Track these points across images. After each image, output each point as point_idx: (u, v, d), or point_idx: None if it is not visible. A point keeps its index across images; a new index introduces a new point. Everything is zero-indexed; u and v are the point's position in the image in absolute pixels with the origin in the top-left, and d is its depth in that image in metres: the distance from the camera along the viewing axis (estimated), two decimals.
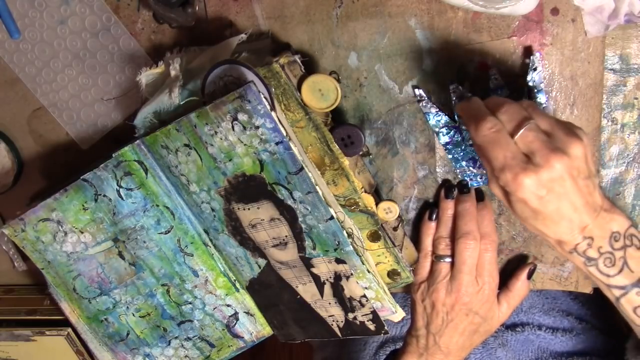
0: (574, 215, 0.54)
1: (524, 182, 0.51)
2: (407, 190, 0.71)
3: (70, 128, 0.76)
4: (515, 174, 0.52)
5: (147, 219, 0.67)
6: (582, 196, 0.53)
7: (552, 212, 0.53)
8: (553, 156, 0.51)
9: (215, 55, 0.64)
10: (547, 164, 0.51)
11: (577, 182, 0.52)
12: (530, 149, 0.52)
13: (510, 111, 0.54)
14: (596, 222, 0.55)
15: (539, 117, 0.54)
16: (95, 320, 0.73)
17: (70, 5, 0.70)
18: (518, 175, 0.51)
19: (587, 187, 0.53)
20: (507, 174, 0.52)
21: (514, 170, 0.52)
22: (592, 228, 0.55)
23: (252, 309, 0.71)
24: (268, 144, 0.57)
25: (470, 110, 0.56)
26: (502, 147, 0.52)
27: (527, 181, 0.51)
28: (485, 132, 0.53)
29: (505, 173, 0.52)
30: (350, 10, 0.65)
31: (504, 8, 0.58)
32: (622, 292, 0.57)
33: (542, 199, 0.52)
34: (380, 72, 0.67)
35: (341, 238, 0.61)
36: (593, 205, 0.54)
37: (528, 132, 0.52)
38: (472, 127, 0.55)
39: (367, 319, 0.66)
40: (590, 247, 0.55)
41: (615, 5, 0.58)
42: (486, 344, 0.79)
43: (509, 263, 0.72)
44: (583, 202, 0.53)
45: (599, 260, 0.56)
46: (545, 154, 0.51)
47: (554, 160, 0.51)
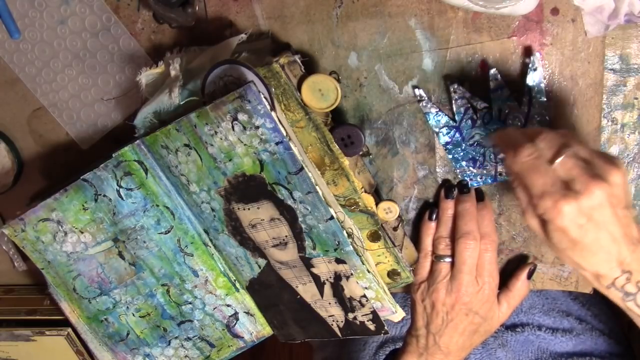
0: (612, 246, 0.52)
1: (563, 209, 0.50)
2: (407, 190, 0.71)
3: (70, 128, 0.76)
4: (555, 201, 0.51)
5: (147, 219, 0.67)
6: (621, 227, 0.52)
7: (590, 242, 0.52)
8: (593, 183, 0.50)
9: (215, 55, 0.64)
10: (588, 190, 0.50)
11: (616, 212, 0.51)
12: (570, 176, 0.51)
13: (549, 138, 0.53)
14: (634, 255, 0.53)
15: (577, 145, 0.53)
16: (95, 320, 0.73)
17: (70, 5, 0.70)
18: (558, 202, 0.50)
19: (625, 217, 0.52)
20: (547, 201, 0.51)
21: (554, 197, 0.51)
22: (630, 262, 0.53)
23: (252, 309, 0.71)
24: (268, 144, 0.57)
25: (508, 138, 0.56)
26: (542, 174, 0.52)
27: (567, 208, 0.50)
28: (524, 158, 0.52)
29: (545, 200, 0.51)
30: (350, 10, 0.65)
31: (504, 8, 0.58)
32: None
33: (581, 228, 0.51)
34: (380, 72, 0.67)
35: (341, 238, 0.60)
36: (631, 238, 0.53)
37: (567, 159, 0.51)
38: (510, 154, 0.54)
39: (367, 319, 0.66)
40: (629, 281, 0.54)
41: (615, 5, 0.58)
42: (486, 344, 0.79)
43: (509, 263, 0.72)
44: (622, 233, 0.52)
45: (638, 294, 0.55)
46: (585, 180, 0.50)
47: (595, 187, 0.50)
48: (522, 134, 0.55)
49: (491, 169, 0.68)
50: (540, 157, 0.52)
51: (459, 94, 0.65)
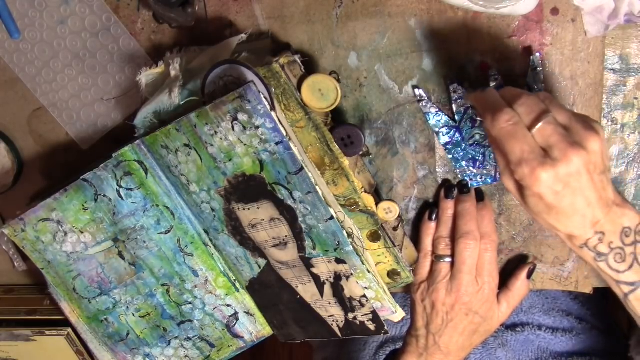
0: (587, 210, 0.53)
1: (541, 176, 0.51)
2: (407, 190, 0.71)
3: (70, 128, 0.76)
4: (532, 168, 0.51)
5: (147, 219, 0.67)
6: (596, 191, 0.52)
7: (566, 207, 0.52)
8: (571, 151, 0.50)
9: (215, 55, 0.64)
10: (566, 158, 0.50)
11: (593, 177, 0.52)
12: (548, 143, 0.51)
13: (528, 103, 0.53)
14: (608, 217, 0.54)
15: (557, 110, 0.53)
16: (95, 320, 0.73)
17: (70, 5, 0.70)
18: (535, 169, 0.51)
19: (601, 182, 0.53)
20: (525, 168, 0.51)
21: (532, 164, 0.51)
22: (603, 223, 0.54)
23: (252, 309, 0.71)
24: (268, 144, 0.57)
25: (486, 101, 0.55)
26: (520, 140, 0.51)
27: (544, 175, 0.51)
28: (503, 124, 0.52)
29: (522, 167, 0.51)
30: (350, 10, 0.65)
31: (504, 8, 0.58)
32: (631, 288, 0.56)
33: (557, 194, 0.52)
34: (380, 72, 0.67)
35: (341, 238, 0.60)
36: (606, 201, 0.54)
37: (546, 126, 0.51)
38: (488, 118, 0.53)
39: (367, 319, 0.66)
40: (601, 242, 0.55)
41: (615, 5, 0.58)
42: (486, 344, 0.79)
43: (509, 263, 0.72)
44: (597, 197, 0.53)
45: (609, 255, 0.55)
46: (564, 148, 0.50)
47: (573, 155, 0.50)
48: (502, 96, 0.55)
49: (491, 169, 0.68)
50: (518, 122, 0.52)
51: (459, 94, 0.65)
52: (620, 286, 0.57)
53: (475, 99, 0.58)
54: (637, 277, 0.56)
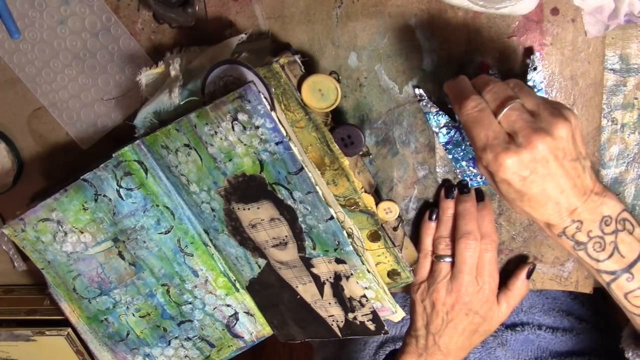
0: (560, 197, 0.53)
1: (505, 162, 0.51)
2: (407, 190, 0.71)
3: (70, 128, 0.76)
4: (496, 154, 0.51)
5: (147, 219, 0.67)
6: (569, 178, 0.52)
7: (536, 193, 0.52)
8: (535, 136, 0.50)
9: (215, 55, 0.64)
10: (530, 144, 0.50)
11: (562, 164, 0.51)
12: (513, 129, 0.51)
13: (495, 90, 0.53)
14: (586, 205, 0.54)
15: (525, 97, 0.53)
16: (95, 320, 0.73)
17: (70, 5, 0.70)
18: (499, 155, 0.51)
19: (574, 169, 0.52)
20: (488, 154, 0.51)
21: (495, 150, 0.51)
22: (581, 211, 0.54)
23: (252, 309, 0.71)
24: (268, 144, 0.57)
25: (457, 89, 0.55)
26: (485, 127, 0.52)
27: (508, 161, 0.50)
28: (469, 110, 0.52)
29: (486, 153, 0.51)
30: (350, 10, 0.65)
31: (504, 8, 0.58)
32: (612, 277, 0.56)
33: (525, 180, 0.51)
34: (380, 72, 0.67)
35: (341, 238, 0.61)
36: (582, 188, 0.53)
37: (511, 112, 0.51)
38: (456, 105, 0.54)
39: (367, 319, 0.66)
40: (579, 230, 0.55)
41: (615, 5, 0.59)
42: (486, 343, 0.79)
43: (509, 263, 0.72)
44: (571, 184, 0.52)
45: (588, 244, 0.55)
46: (528, 134, 0.50)
47: (537, 141, 0.50)
48: (470, 84, 0.55)
49: None
50: (484, 109, 0.52)
51: None
52: (601, 275, 0.57)
53: (448, 87, 0.58)
54: (617, 266, 0.56)
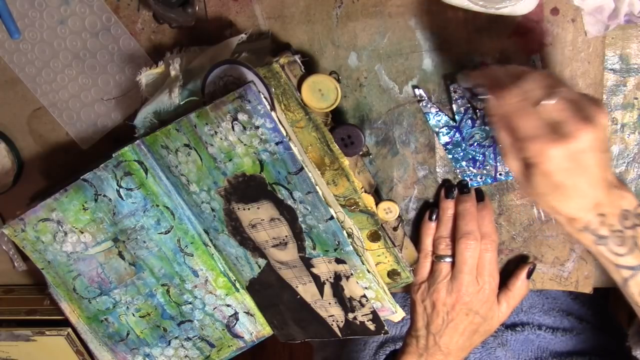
0: (589, 190, 0.52)
1: (551, 152, 0.49)
2: (407, 190, 0.71)
3: (70, 128, 0.76)
4: (543, 145, 0.49)
5: (147, 219, 0.67)
6: (600, 170, 0.51)
7: (571, 186, 0.51)
8: (582, 125, 0.49)
9: (215, 55, 0.64)
10: (576, 133, 0.49)
11: (599, 156, 0.50)
12: (557, 119, 0.50)
13: (535, 79, 0.51)
14: (608, 198, 0.53)
15: (563, 86, 0.52)
16: (95, 320, 0.73)
17: (70, 5, 0.70)
18: (547, 145, 0.49)
19: (604, 160, 0.51)
20: (535, 145, 0.50)
21: (542, 140, 0.49)
22: (604, 205, 0.53)
23: (252, 309, 0.71)
24: (268, 144, 0.57)
25: (493, 78, 0.54)
26: (530, 116, 0.50)
27: (554, 152, 0.49)
28: (512, 99, 0.51)
29: (532, 143, 0.50)
30: (350, 10, 0.65)
31: (504, 8, 0.58)
32: (632, 273, 0.56)
33: (565, 172, 0.50)
34: (380, 72, 0.67)
35: (341, 238, 0.60)
36: (607, 181, 0.52)
37: (555, 101, 0.50)
38: (495, 94, 0.52)
39: (367, 319, 0.66)
40: (602, 225, 0.54)
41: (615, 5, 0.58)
42: (486, 343, 0.79)
43: (509, 263, 0.72)
44: (600, 177, 0.51)
45: (610, 239, 0.54)
46: (574, 123, 0.49)
47: (582, 131, 0.49)
48: (508, 73, 0.54)
49: (491, 169, 0.68)
50: (526, 99, 0.51)
51: (459, 94, 0.65)
52: (620, 270, 0.56)
53: (482, 76, 0.56)
54: (637, 261, 0.55)
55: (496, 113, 0.53)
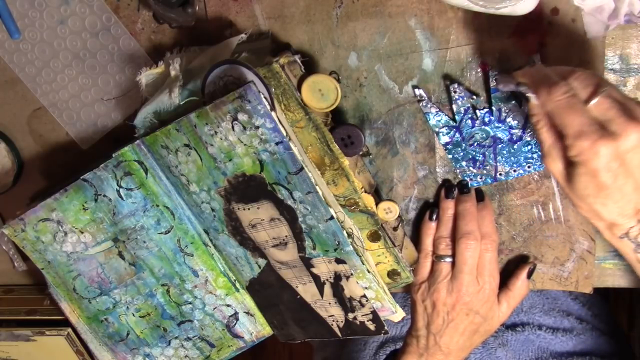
0: (633, 195, 0.51)
1: (600, 150, 0.49)
2: (407, 190, 0.71)
3: (70, 128, 0.76)
4: (593, 141, 0.49)
5: (147, 219, 0.67)
6: None
7: (616, 188, 0.51)
8: (631, 124, 0.48)
9: (215, 55, 0.64)
10: (625, 132, 0.48)
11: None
12: (606, 116, 0.49)
13: (583, 77, 0.51)
14: None
15: (609, 86, 0.51)
16: (95, 320, 0.73)
17: (70, 5, 0.70)
18: (596, 142, 0.49)
19: None
20: (584, 141, 0.49)
21: (592, 137, 0.49)
22: None
23: (252, 309, 0.71)
24: (268, 144, 0.57)
25: (539, 76, 0.54)
26: (579, 113, 0.50)
27: (603, 150, 0.49)
28: (560, 96, 0.50)
29: (581, 140, 0.49)
30: (350, 10, 0.65)
31: (504, 8, 0.58)
32: None
33: (612, 172, 0.50)
34: (380, 72, 0.67)
35: (341, 238, 0.60)
36: None
37: (603, 99, 0.50)
38: (543, 92, 0.52)
39: (367, 319, 0.66)
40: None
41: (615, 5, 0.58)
42: (486, 343, 0.79)
43: (509, 263, 0.72)
44: None
45: None
46: (623, 121, 0.49)
47: (632, 129, 0.48)
48: (554, 71, 0.53)
49: (491, 169, 0.68)
50: (575, 96, 0.50)
51: (459, 94, 0.65)
52: None
53: (527, 74, 0.56)
54: None
55: (541, 111, 0.53)
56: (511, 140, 0.66)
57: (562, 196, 0.68)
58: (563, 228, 0.69)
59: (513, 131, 0.66)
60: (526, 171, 0.67)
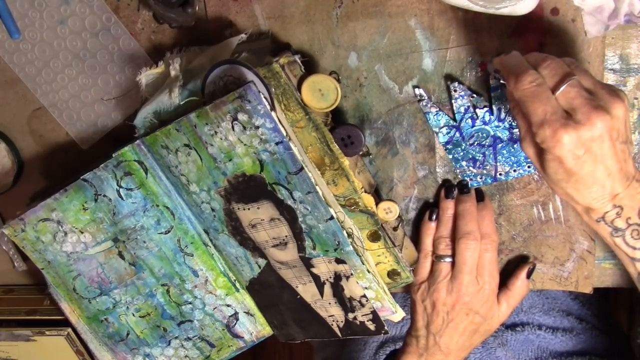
0: (607, 180, 0.52)
1: (563, 138, 0.50)
2: (407, 190, 0.71)
3: (70, 128, 0.76)
4: (554, 130, 0.50)
5: (147, 219, 0.67)
6: (617, 161, 0.51)
7: (586, 174, 0.52)
8: (595, 114, 0.49)
9: (215, 55, 0.64)
10: (589, 121, 0.49)
11: (615, 146, 0.51)
12: (571, 106, 0.50)
13: (553, 66, 0.52)
14: (627, 191, 0.53)
15: (581, 75, 0.52)
16: (95, 320, 0.73)
17: (70, 5, 0.70)
18: (558, 130, 0.50)
19: (623, 152, 0.52)
20: (547, 129, 0.50)
21: (554, 125, 0.50)
22: (622, 197, 0.53)
23: (252, 309, 0.71)
24: (268, 144, 0.57)
25: (510, 64, 0.54)
26: (543, 102, 0.51)
27: (566, 138, 0.50)
28: (526, 85, 0.51)
29: (544, 128, 0.50)
30: (350, 10, 0.65)
31: (504, 8, 0.58)
32: None
33: (578, 159, 0.51)
34: (380, 72, 0.67)
35: (341, 238, 0.61)
36: (626, 173, 0.53)
37: (570, 88, 0.50)
38: (511, 80, 0.53)
39: (367, 319, 0.66)
40: (618, 216, 0.54)
41: (615, 5, 0.58)
42: (486, 343, 0.79)
43: (509, 263, 0.72)
44: (618, 167, 0.52)
45: (627, 231, 0.55)
46: (587, 110, 0.49)
47: (596, 119, 0.49)
48: (528, 59, 0.54)
49: (491, 169, 0.68)
50: (542, 84, 0.51)
51: (459, 94, 0.65)
52: (635, 264, 0.56)
53: (500, 62, 0.57)
54: None
55: (512, 98, 0.54)
56: (511, 139, 0.66)
57: None
58: (563, 228, 0.69)
59: (513, 130, 0.66)
60: (526, 171, 0.67)
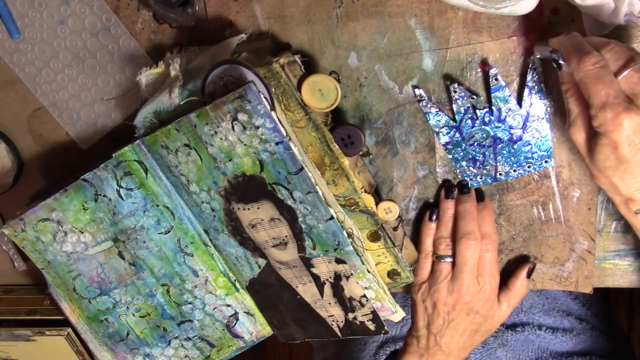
0: None
1: (624, 122, 0.49)
2: (407, 190, 0.71)
3: (70, 128, 0.76)
4: (617, 113, 0.49)
5: (147, 219, 0.67)
6: None
7: (636, 163, 0.51)
8: None
9: (215, 55, 0.64)
10: None
11: None
12: (634, 91, 0.50)
13: (617, 49, 0.52)
14: None
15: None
16: (95, 320, 0.73)
17: (70, 5, 0.70)
18: (620, 114, 0.49)
19: None
20: (608, 112, 0.50)
21: (617, 109, 0.49)
22: None
23: (252, 309, 0.71)
24: (268, 144, 0.57)
25: (572, 44, 0.54)
26: (607, 84, 0.50)
27: (627, 122, 0.49)
28: (590, 66, 0.51)
29: (605, 111, 0.50)
30: (350, 10, 0.65)
31: (504, 8, 0.58)
32: None
33: (634, 146, 0.50)
34: (380, 72, 0.67)
35: (341, 238, 0.61)
36: None
37: (634, 73, 0.50)
38: (574, 60, 0.52)
39: (367, 319, 0.66)
40: None
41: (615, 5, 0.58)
42: (486, 343, 0.80)
43: (509, 263, 0.72)
44: None
45: None
46: None
47: None
48: (588, 42, 0.54)
49: (491, 169, 0.68)
50: (606, 67, 0.51)
51: (459, 94, 0.65)
52: None
53: (560, 42, 0.56)
54: None
55: (570, 80, 0.53)
56: (511, 140, 0.66)
57: (562, 196, 0.68)
58: (563, 228, 0.69)
59: (513, 131, 0.66)
60: (526, 171, 0.67)
